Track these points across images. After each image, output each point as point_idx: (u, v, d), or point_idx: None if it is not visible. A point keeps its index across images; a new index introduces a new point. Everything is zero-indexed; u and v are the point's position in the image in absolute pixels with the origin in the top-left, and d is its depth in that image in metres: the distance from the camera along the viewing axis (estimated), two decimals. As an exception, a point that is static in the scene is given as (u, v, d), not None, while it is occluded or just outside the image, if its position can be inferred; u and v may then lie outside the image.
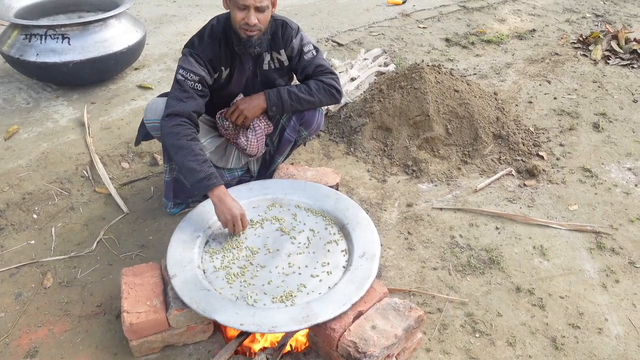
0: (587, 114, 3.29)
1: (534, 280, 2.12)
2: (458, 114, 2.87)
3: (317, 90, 2.12)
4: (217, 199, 1.86)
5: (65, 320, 1.91)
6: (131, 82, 3.32)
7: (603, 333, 1.91)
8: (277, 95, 2.10)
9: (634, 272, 2.16)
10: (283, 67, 2.15)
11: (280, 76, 2.18)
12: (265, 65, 2.11)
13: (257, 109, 2.11)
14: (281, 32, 2.06)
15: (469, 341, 1.86)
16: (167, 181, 2.27)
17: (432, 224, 2.39)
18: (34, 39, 2.92)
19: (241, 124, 2.14)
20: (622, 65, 3.90)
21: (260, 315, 1.63)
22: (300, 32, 2.10)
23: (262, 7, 1.88)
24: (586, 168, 2.78)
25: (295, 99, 2.11)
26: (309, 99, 2.13)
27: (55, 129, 2.83)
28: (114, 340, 1.82)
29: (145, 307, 1.72)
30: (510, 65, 3.90)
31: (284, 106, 2.12)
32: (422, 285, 2.08)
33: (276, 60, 2.12)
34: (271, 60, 2.12)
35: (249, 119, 2.12)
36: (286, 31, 2.07)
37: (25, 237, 2.28)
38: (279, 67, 2.14)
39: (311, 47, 2.13)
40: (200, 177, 1.84)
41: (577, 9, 4.98)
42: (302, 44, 2.10)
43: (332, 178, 2.31)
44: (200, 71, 1.97)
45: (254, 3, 1.86)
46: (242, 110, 2.10)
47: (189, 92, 1.96)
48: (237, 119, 2.12)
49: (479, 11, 4.78)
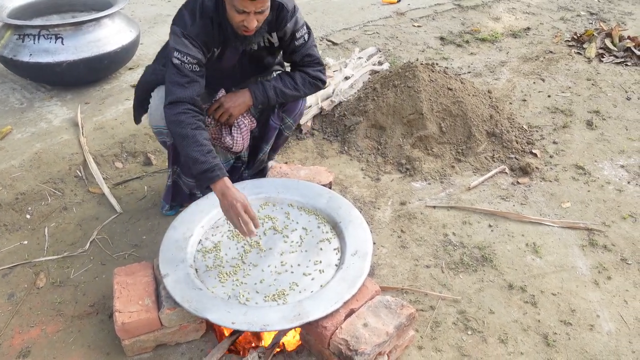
0: (580, 111, 3.29)
1: (526, 277, 2.12)
2: (452, 112, 2.87)
3: (303, 84, 2.11)
4: (219, 193, 1.79)
5: (58, 320, 1.91)
6: (125, 82, 3.32)
7: (595, 329, 1.92)
8: (263, 93, 2.07)
9: (625, 269, 2.17)
10: (273, 47, 2.10)
11: (270, 54, 2.13)
12: (255, 45, 2.03)
13: (243, 107, 2.08)
14: (276, 15, 1.97)
15: (461, 338, 1.87)
16: (168, 185, 2.27)
17: (426, 222, 2.40)
18: (27, 39, 2.92)
19: (225, 121, 2.10)
20: (615, 63, 3.91)
21: (252, 314, 1.64)
22: (295, 14, 2.01)
23: (263, 10, 1.82)
24: (579, 165, 2.79)
25: (281, 94, 2.09)
26: (294, 94, 2.12)
27: (48, 129, 2.83)
28: (107, 339, 1.82)
29: (138, 307, 1.72)
30: (504, 63, 3.91)
31: (270, 102, 2.11)
32: (415, 283, 2.08)
33: (267, 40, 2.06)
34: (262, 40, 2.05)
35: (234, 116, 2.08)
36: (281, 14, 1.98)
37: (18, 237, 2.28)
38: (268, 46, 2.09)
39: (304, 31, 2.05)
40: (204, 169, 1.79)
41: (572, 7, 4.99)
42: (295, 29, 2.02)
43: (325, 177, 2.32)
44: (196, 53, 1.88)
45: (255, 9, 1.79)
46: (228, 109, 2.06)
47: (188, 76, 1.88)
48: (221, 117, 2.08)
49: (474, 9, 4.79)
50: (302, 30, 2.05)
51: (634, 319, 1.96)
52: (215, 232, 2.00)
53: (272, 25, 2.00)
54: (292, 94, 2.12)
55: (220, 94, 2.11)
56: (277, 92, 2.09)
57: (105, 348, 1.80)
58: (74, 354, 1.78)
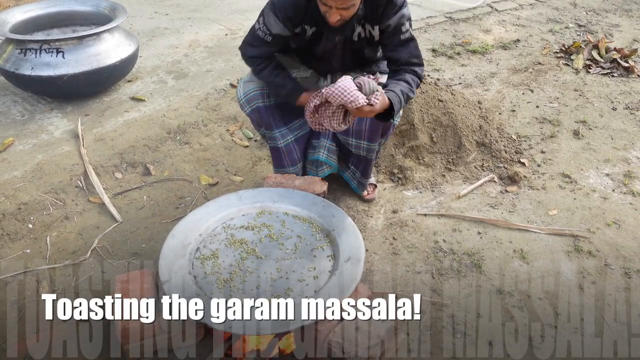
0: (568, 121, 3.39)
1: (513, 282, 2.20)
2: (442, 123, 2.96)
3: (416, 86, 2.06)
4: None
5: (61, 327, 1.97)
6: (124, 94, 3.40)
7: (579, 332, 1.99)
8: (398, 101, 1.97)
9: (609, 274, 2.25)
10: (373, 40, 2.08)
11: (369, 45, 2.12)
12: (355, 36, 2.04)
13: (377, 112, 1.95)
14: (383, 7, 1.93)
15: (451, 342, 1.94)
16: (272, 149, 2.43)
17: (417, 230, 2.48)
18: (29, 53, 3.00)
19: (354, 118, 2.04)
20: (602, 74, 4.02)
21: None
22: (403, 8, 1.95)
23: (345, 7, 1.81)
24: (566, 174, 2.88)
25: (405, 99, 2.02)
26: (412, 97, 2.08)
27: (49, 141, 2.90)
28: (108, 345, 1.88)
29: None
30: (494, 74, 4.01)
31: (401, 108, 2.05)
32: (406, 289, 2.16)
33: (368, 32, 2.04)
34: (363, 31, 2.03)
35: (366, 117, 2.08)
36: (387, 7, 1.93)
37: (20, 246, 2.34)
38: (369, 38, 2.06)
39: (408, 26, 2.00)
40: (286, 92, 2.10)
41: (561, 19, 5.12)
42: (400, 22, 1.97)
43: (319, 186, 2.39)
44: (275, 27, 1.99)
45: (336, 5, 1.80)
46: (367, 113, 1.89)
47: (259, 40, 2.07)
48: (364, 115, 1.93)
49: (465, 22, 4.91)
50: (407, 24, 1.99)
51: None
52: (213, 240, 2.07)
53: (377, 17, 1.97)
54: (411, 97, 2.06)
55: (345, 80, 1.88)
56: (403, 97, 1.99)
57: (106, 353, 1.86)
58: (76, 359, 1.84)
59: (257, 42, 2.09)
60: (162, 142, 2.97)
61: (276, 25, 1.98)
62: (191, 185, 2.74)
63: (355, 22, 2.00)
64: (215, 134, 3.10)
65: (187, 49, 4.10)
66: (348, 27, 2.00)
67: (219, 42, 4.24)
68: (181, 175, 2.79)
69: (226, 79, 3.62)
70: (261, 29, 2.04)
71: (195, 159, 2.91)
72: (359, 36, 2.06)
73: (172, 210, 2.57)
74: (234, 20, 4.71)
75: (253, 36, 2.09)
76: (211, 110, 3.28)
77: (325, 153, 2.46)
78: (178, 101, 3.33)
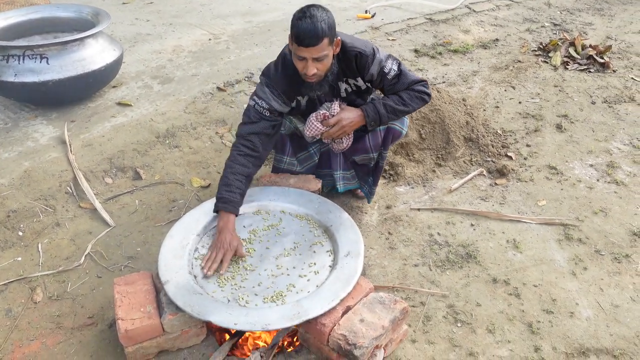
0: (550, 116, 3.48)
1: (508, 271, 2.24)
2: (430, 120, 3.01)
3: (410, 99, 2.15)
4: (219, 225, 1.98)
5: (58, 333, 1.93)
6: (110, 100, 3.36)
7: (575, 316, 2.04)
8: (374, 111, 2.12)
9: (599, 260, 2.31)
10: (361, 90, 2.19)
11: (359, 96, 2.22)
12: (342, 92, 2.17)
13: (357, 126, 2.15)
14: (355, 63, 2.06)
15: (452, 330, 1.97)
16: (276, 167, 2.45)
17: (411, 224, 2.51)
18: (11, 60, 2.95)
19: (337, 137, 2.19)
20: (579, 70, 4.14)
21: (252, 315, 1.70)
22: (376, 56, 2.07)
23: (320, 57, 1.89)
24: (552, 166, 2.95)
25: (391, 111, 2.13)
26: (404, 109, 2.15)
27: (36, 148, 2.85)
28: (108, 348, 1.86)
29: (139, 314, 1.76)
30: (476, 73, 4.09)
31: (381, 120, 2.15)
32: (405, 281, 2.18)
33: (353, 85, 2.16)
34: (348, 86, 2.16)
35: (346, 133, 2.18)
36: (361, 61, 2.05)
37: (11, 254, 2.29)
38: (356, 90, 2.18)
39: (390, 64, 2.10)
40: (218, 196, 2.02)
41: (536, 19, 5.25)
42: (381, 67, 2.08)
43: (313, 184, 2.40)
44: (271, 101, 2.05)
45: (311, 55, 1.87)
46: (344, 127, 2.12)
47: (255, 116, 2.08)
48: (337, 134, 2.15)
49: (445, 23, 5.00)
50: (389, 64, 2.09)
51: (610, 305, 2.10)
52: (211, 239, 2.06)
53: (354, 72, 2.11)
54: (402, 109, 2.15)
55: (334, 106, 2.14)
56: (387, 109, 2.13)
57: (108, 357, 1.83)
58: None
59: (251, 118, 2.09)
60: (152, 146, 2.95)
61: (272, 98, 2.06)
62: (183, 188, 2.72)
63: (338, 81, 2.13)
64: (205, 136, 3.09)
65: (171, 54, 4.08)
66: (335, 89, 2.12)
67: (203, 47, 4.23)
68: (172, 178, 2.77)
69: (212, 82, 3.61)
70: (258, 103, 2.07)
71: (185, 162, 2.89)
72: (346, 91, 2.18)
73: (165, 214, 2.55)
74: (217, 25, 4.70)
75: (247, 114, 2.10)
76: (199, 113, 3.26)
77: (342, 184, 2.51)
78: (165, 105, 3.31)
